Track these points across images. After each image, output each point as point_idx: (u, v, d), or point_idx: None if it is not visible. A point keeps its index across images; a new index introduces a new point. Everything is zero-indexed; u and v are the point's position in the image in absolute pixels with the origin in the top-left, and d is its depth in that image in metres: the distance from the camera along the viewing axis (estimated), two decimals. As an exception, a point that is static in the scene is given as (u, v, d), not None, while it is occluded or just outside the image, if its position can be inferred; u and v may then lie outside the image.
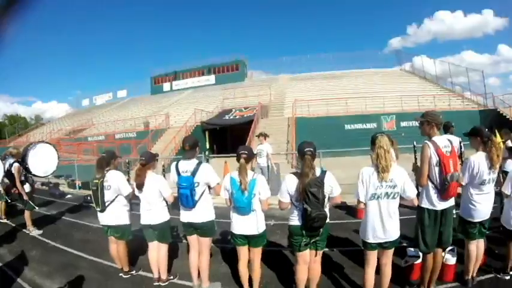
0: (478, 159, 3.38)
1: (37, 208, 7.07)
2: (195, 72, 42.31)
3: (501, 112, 20.34)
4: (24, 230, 6.62)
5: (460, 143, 4.46)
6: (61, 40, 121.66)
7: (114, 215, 4.20)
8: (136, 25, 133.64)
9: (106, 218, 4.23)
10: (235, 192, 3.31)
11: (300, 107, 21.12)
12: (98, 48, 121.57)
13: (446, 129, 5.16)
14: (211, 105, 28.30)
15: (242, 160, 3.37)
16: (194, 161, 3.67)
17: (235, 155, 3.53)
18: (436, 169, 3.18)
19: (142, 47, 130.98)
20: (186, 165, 3.63)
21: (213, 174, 3.69)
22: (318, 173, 3.11)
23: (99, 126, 32.37)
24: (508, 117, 19.43)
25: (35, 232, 6.49)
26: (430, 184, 3.24)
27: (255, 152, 7.03)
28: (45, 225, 7.05)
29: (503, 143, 4.49)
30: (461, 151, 4.49)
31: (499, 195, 3.91)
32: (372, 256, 3.19)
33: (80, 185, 12.04)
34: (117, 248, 4.34)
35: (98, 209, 4.20)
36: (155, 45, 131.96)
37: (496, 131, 3.48)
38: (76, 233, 6.60)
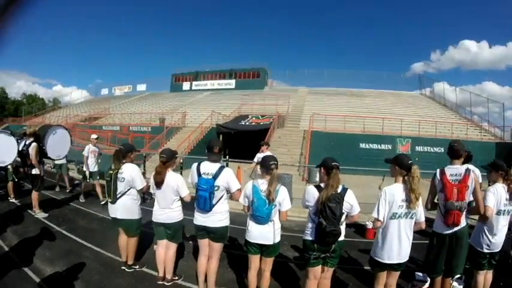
0: (499, 189, 3.41)
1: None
2: (216, 75, 42.59)
3: (518, 146, 19.60)
4: (29, 211, 6.54)
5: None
6: (88, 28, 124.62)
7: (125, 208, 4.12)
8: (161, 23, 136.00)
9: (116, 211, 4.14)
10: (256, 200, 3.23)
11: (316, 121, 20.82)
12: (122, 41, 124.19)
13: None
14: (229, 109, 28.23)
15: (275, 171, 3.32)
16: (217, 164, 3.56)
17: (248, 161, 3.40)
18: (441, 195, 3.31)
19: (165, 44, 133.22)
20: (209, 168, 3.51)
21: (235, 179, 3.57)
22: (339, 189, 3.07)
23: (115, 117, 32.55)
24: (524, 152, 18.73)
25: (40, 215, 6.42)
26: (438, 209, 3.38)
27: (255, 160, 7.12)
28: (51, 208, 6.97)
29: None
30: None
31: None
32: (383, 276, 3.22)
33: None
34: (127, 241, 4.27)
35: (110, 200, 4.13)
36: (177, 44, 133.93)
37: None
38: (81, 220, 6.51)
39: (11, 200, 7.49)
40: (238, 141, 22.52)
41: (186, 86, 43.46)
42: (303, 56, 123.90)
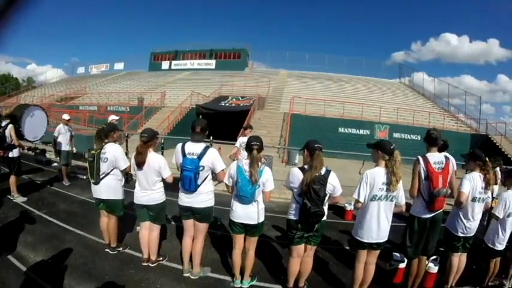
0: (475, 177, 3.60)
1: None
2: (196, 54, 42.03)
3: (492, 139, 20.71)
4: (8, 196, 6.33)
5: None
6: (64, 5, 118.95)
7: (109, 188, 4.08)
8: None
9: (99, 191, 4.10)
10: (240, 181, 3.27)
11: (297, 104, 21.00)
12: (99, 18, 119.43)
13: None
14: (209, 90, 27.96)
15: (255, 152, 3.32)
16: (202, 145, 3.56)
17: (228, 142, 3.43)
18: (425, 183, 3.38)
19: (144, 22, 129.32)
20: (193, 148, 3.50)
21: (220, 159, 3.57)
22: (322, 171, 3.15)
23: (92, 96, 31.71)
24: (497, 144, 19.87)
25: (19, 199, 6.24)
26: (420, 195, 3.43)
27: (237, 145, 7.02)
28: (30, 192, 6.78)
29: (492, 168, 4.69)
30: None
31: (485, 215, 4.21)
32: (363, 254, 3.37)
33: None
34: (108, 222, 4.25)
35: (92, 181, 4.09)
36: (157, 21, 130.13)
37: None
38: (62, 204, 6.37)
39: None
40: (218, 123, 22.46)
41: (165, 65, 42.80)
42: (285, 39, 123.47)
